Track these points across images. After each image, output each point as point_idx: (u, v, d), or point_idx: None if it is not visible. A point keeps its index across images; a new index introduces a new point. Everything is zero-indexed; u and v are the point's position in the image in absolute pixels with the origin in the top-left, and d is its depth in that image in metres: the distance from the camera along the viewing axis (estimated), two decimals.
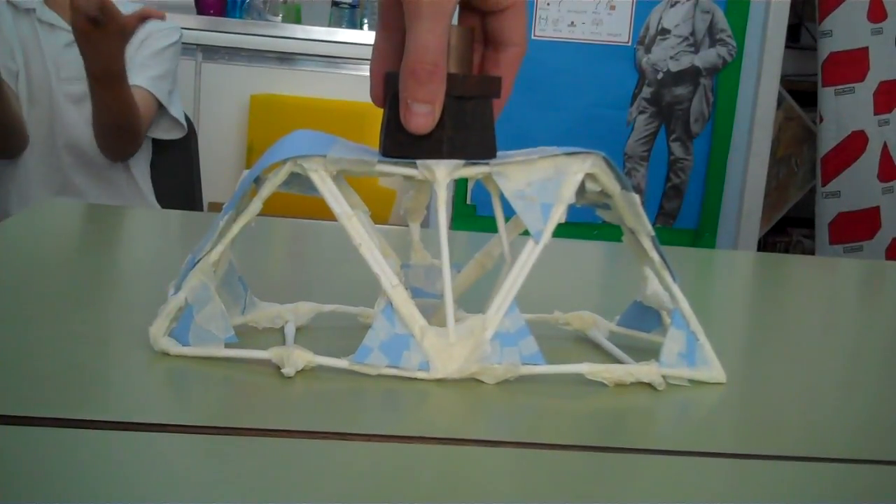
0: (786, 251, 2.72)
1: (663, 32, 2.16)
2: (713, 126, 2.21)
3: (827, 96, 2.36)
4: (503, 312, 0.45)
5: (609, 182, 0.47)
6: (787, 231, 2.76)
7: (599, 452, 0.38)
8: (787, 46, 2.24)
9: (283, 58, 2.51)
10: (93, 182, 1.50)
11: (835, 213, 2.41)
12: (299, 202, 0.57)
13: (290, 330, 0.52)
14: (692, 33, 2.17)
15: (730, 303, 0.81)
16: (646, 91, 2.17)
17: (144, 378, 0.43)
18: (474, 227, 1.98)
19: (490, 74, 0.48)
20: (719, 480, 0.36)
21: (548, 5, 2.11)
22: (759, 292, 0.90)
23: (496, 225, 0.51)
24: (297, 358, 0.43)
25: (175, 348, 0.45)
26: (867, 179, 2.37)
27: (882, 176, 2.37)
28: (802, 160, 2.62)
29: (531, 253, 0.45)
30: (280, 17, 2.52)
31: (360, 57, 2.44)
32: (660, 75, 2.17)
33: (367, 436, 0.37)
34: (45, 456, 0.32)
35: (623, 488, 0.35)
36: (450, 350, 0.44)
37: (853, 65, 2.34)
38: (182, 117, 1.58)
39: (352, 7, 2.50)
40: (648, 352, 0.49)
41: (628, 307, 0.56)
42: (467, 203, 2.13)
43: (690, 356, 0.47)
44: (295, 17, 2.54)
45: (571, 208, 0.46)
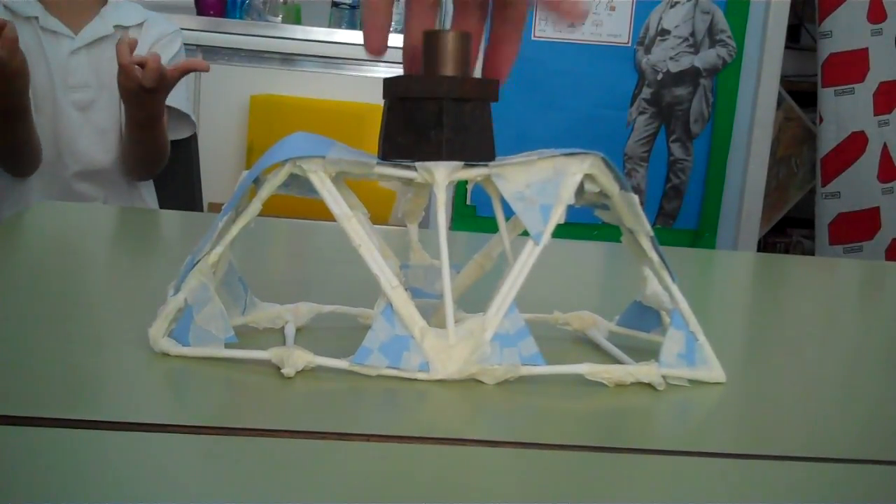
0: (786, 252, 2.72)
1: (663, 33, 2.16)
2: (713, 126, 2.21)
3: (827, 97, 2.36)
4: (503, 313, 0.45)
5: (608, 182, 0.47)
6: (787, 231, 2.76)
7: (599, 452, 0.38)
8: (787, 47, 2.24)
9: (283, 58, 2.51)
10: (97, 189, 1.50)
11: (835, 214, 2.41)
12: (299, 203, 0.57)
13: (290, 330, 0.52)
14: (692, 34, 2.17)
15: (730, 303, 0.81)
16: (646, 92, 2.17)
17: (144, 378, 0.43)
18: (474, 228, 1.98)
19: (491, 71, 0.48)
20: (719, 480, 0.36)
21: None
22: (759, 293, 0.90)
23: (496, 225, 0.51)
24: (297, 358, 0.44)
25: (175, 349, 0.45)
26: (867, 180, 2.37)
27: (882, 176, 2.37)
28: (802, 161, 2.62)
29: (530, 254, 0.45)
30: (280, 18, 2.52)
31: (360, 57, 2.44)
32: (660, 76, 2.17)
33: (367, 436, 0.37)
34: (45, 456, 0.32)
35: (623, 488, 0.35)
36: (449, 351, 0.44)
37: (853, 65, 2.34)
38: (193, 115, 1.60)
39: (352, 7, 2.50)
40: (648, 352, 0.49)
41: (628, 307, 0.56)
42: (467, 204, 2.13)
43: (690, 356, 0.47)
44: (295, 18, 2.54)
45: (571, 209, 0.46)
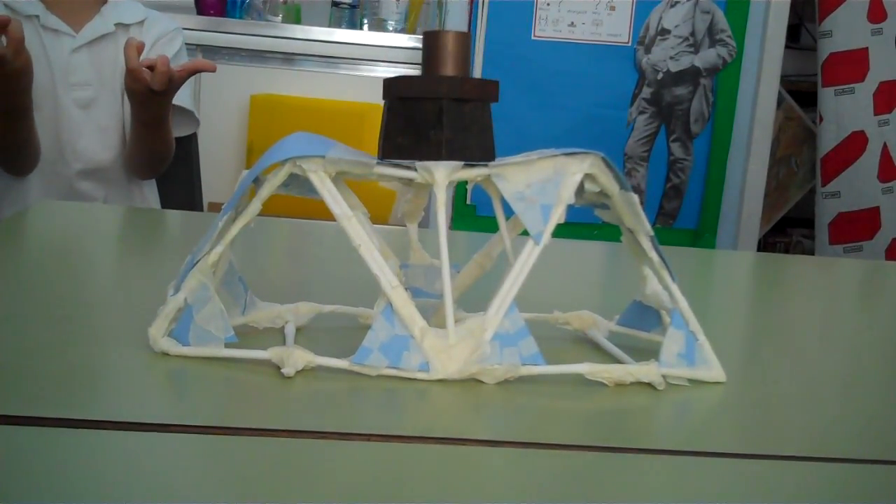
0: (786, 251, 2.72)
1: (663, 33, 2.16)
2: (713, 126, 2.21)
3: (827, 96, 2.36)
4: (503, 313, 0.45)
5: (608, 182, 0.47)
6: (787, 231, 2.75)
7: (599, 452, 0.38)
8: (787, 47, 2.24)
9: (283, 58, 2.51)
10: (99, 187, 1.50)
11: (835, 214, 2.41)
12: (299, 203, 0.57)
13: (290, 330, 0.52)
14: (692, 33, 2.17)
15: (730, 303, 0.81)
16: (646, 91, 2.17)
17: (144, 378, 0.43)
18: (474, 228, 1.98)
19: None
20: (719, 480, 0.36)
21: (548, 6, 2.11)
22: (759, 292, 0.90)
23: (496, 225, 0.51)
24: (297, 358, 0.44)
25: (175, 348, 0.45)
26: (867, 180, 2.36)
27: (882, 176, 2.37)
28: (802, 160, 2.61)
29: (530, 254, 0.45)
30: (280, 18, 2.52)
31: (360, 57, 2.44)
32: (660, 75, 2.17)
33: (368, 436, 0.37)
34: (45, 456, 0.32)
35: (623, 488, 0.35)
36: (449, 351, 0.44)
37: (853, 65, 2.33)
38: (197, 112, 1.60)
39: (352, 7, 2.49)
40: (648, 351, 0.49)
41: (628, 307, 0.56)
42: (467, 203, 2.13)
43: (690, 356, 0.47)
44: (295, 18, 2.54)
45: (571, 208, 0.46)
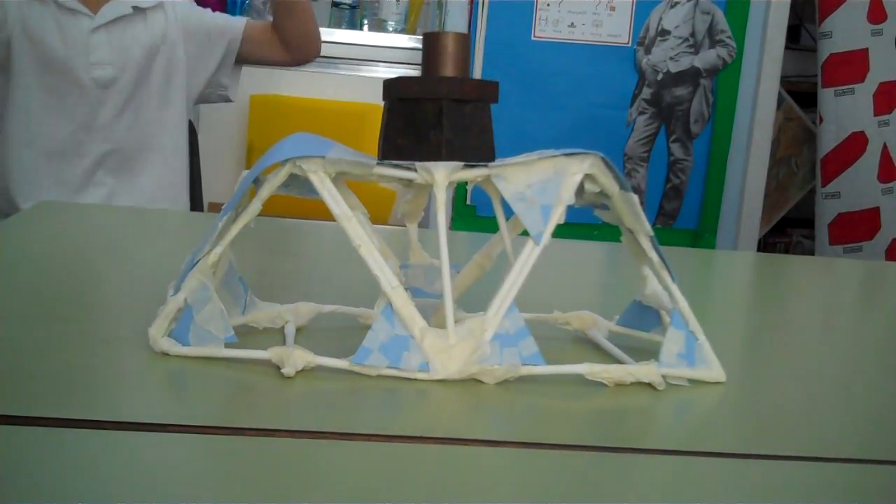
0: (786, 252, 2.72)
1: (663, 33, 2.16)
2: (713, 127, 2.21)
3: (827, 97, 2.36)
4: (503, 313, 0.45)
5: (608, 182, 0.47)
6: (787, 231, 2.75)
7: (599, 452, 0.38)
8: (787, 47, 2.24)
9: None
10: (112, 174, 1.48)
11: (835, 214, 2.41)
12: (299, 203, 0.57)
13: (291, 330, 0.52)
14: (692, 34, 2.17)
15: (729, 303, 0.81)
16: (646, 92, 2.17)
17: (144, 378, 0.43)
18: (474, 228, 1.98)
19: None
20: (719, 480, 0.36)
21: (548, 6, 2.11)
22: (759, 292, 0.90)
23: (496, 225, 0.51)
24: (297, 358, 0.44)
25: (175, 348, 0.45)
26: (867, 180, 2.36)
27: (882, 176, 2.37)
28: (802, 161, 2.61)
29: (531, 254, 0.45)
30: None
31: (360, 57, 2.43)
32: (660, 76, 2.17)
33: (368, 436, 0.37)
34: (45, 456, 0.32)
35: (623, 488, 0.35)
36: (450, 351, 0.44)
37: (853, 66, 2.33)
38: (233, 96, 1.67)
39: (352, 7, 2.49)
40: (648, 351, 0.49)
41: (628, 307, 0.56)
42: (467, 203, 2.13)
43: (690, 356, 0.47)
44: None
45: (571, 209, 0.46)
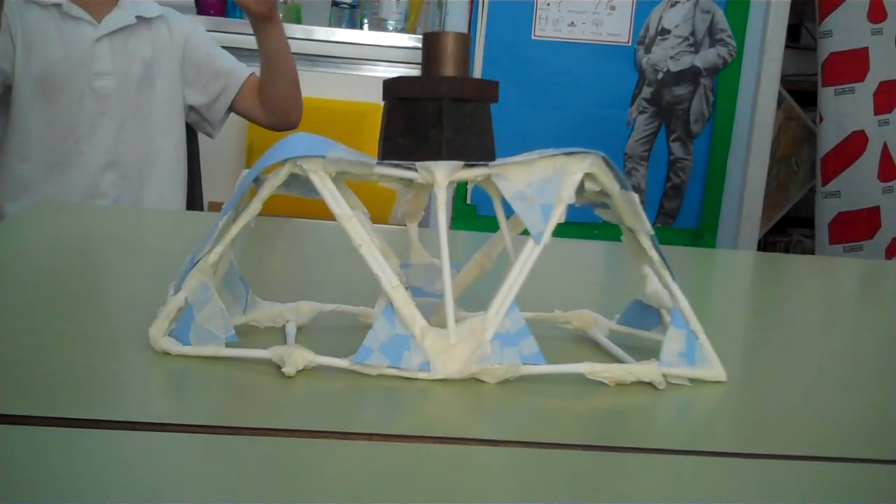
0: (786, 251, 2.72)
1: (663, 32, 2.16)
2: (713, 126, 2.21)
3: (827, 96, 2.36)
4: (503, 312, 0.45)
5: (608, 181, 0.47)
6: (787, 231, 2.75)
7: (599, 452, 0.38)
8: (787, 46, 2.24)
9: None
10: (114, 184, 1.48)
11: (835, 213, 2.41)
12: (299, 202, 0.57)
13: (291, 329, 0.52)
14: (692, 33, 2.17)
15: (730, 302, 0.81)
16: (646, 91, 2.17)
17: (145, 378, 0.43)
18: (475, 227, 1.98)
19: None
20: (720, 479, 0.36)
21: (548, 5, 2.11)
22: (759, 292, 0.90)
23: (496, 224, 0.51)
24: (298, 357, 0.43)
25: (175, 348, 0.45)
26: (867, 179, 2.36)
27: (882, 176, 2.36)
28: (802, 160, 2.61)
29: (531, 253, 0.45)
30: (280, 18, 2.52)
31: (360, 57, 2.44)
32: (660, 75, 2.17)
33: (368, 435, 0.37)
34: (45, 456, 0.32)
35: (623, 488, 0.35)
36: (450, 350, 0.44)
37: (853, 65, 2.33)
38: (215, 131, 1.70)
39: (352, 7, 2.49)
40: (649, 350, 0.49)
41: (628, 306, 0.56)
42: (467, 203, 2.13)
43: (690, 355, 0.47)
44: (295, 17, 2.54)
45: (571, 208, 0.46)
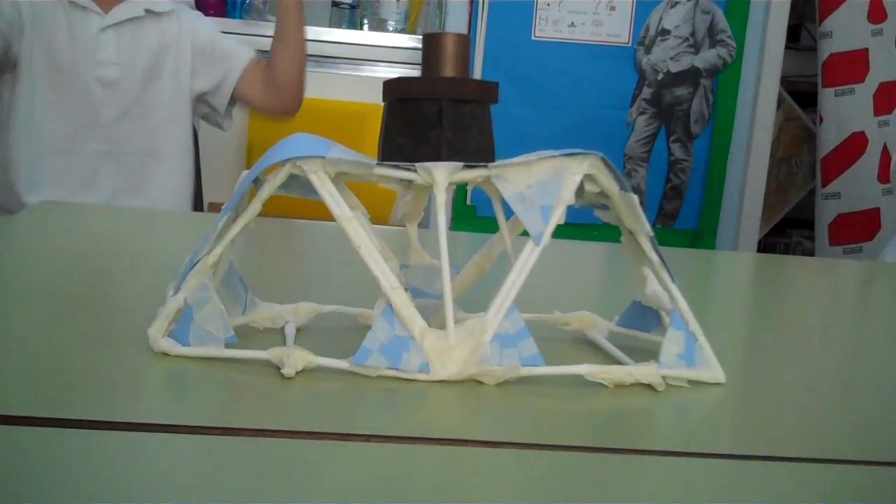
0: (786, 252, 2.72)
1: (663, 33, 2.16)
2: (713, 127, 2.21)
3: (827, 97, 2.36)
4: (503, 314, 0.45)
5: (608, 182, 0.47)
6: (787, 232, 2.75)
7: (599, 453, 0.38)
8: (787, 47, 2.24)
9: None
10: (113, 173, 1.48)
11: (835, 215, 2.41)
12: (299, 203, 0.57)
13: (291, 330, 0.52)
14: (692, 34, 2.17)
15: (729, 303, 0.82)
16: (646, 92, 2.17)
17: (144, 378, 0.43)
18: (474, 228, 1.98)
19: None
20: (719, 481, 0.36)
21: (548, 6, 2.11)
22: (759, 293, 0.90)
23: (496, 225, 0.51)
24: (297, 358, 0.44)
25: (175, 349, 0.45)
26: (867, 180, 2.36)
27: (882, 177, 2.37)
28: (802, 161, 2.61)
29: (530, 254, 0.45)
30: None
31: (360, 57, 2.43)
32: (660, 76, 2.17)
33: (367, 436, 0.37)
34: (45, 456, 0.32)
35: (623, 488, 0.35)
36: (449, 352, 0.44)
37: (853, 66, 2.33)
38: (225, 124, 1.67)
39: (352, 7, 2.49)
40: (648, 352, 0.49)
41: (628, 307, 0.56)
42: (467, 204, 2.13)
43: (689, 357, 0.47)
44: None
45: (571, 209, 0.46)
